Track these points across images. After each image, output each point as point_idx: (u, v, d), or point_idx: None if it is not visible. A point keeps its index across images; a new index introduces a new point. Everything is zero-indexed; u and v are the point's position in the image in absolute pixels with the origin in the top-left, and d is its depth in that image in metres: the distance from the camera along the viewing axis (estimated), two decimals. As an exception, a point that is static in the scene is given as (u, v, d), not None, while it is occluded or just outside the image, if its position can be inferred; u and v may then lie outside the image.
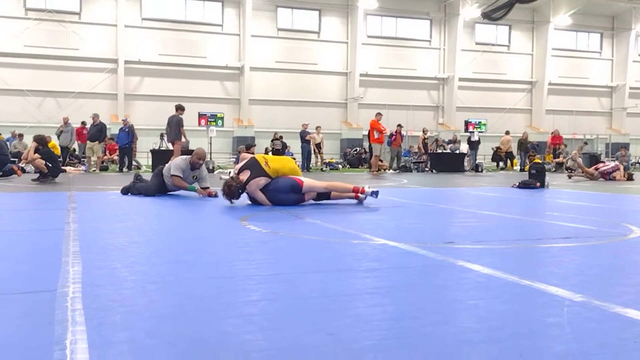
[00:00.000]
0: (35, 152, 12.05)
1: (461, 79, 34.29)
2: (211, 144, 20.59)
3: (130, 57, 29.21)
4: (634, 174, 16.32)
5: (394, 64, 33.54)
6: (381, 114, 19.40)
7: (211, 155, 20.21)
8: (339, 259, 3.62)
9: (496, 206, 7.83)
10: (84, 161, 19.62)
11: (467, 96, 34.50)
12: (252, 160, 7.04)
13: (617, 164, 17.01)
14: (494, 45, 35.64)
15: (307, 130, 22.05)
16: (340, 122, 32.82)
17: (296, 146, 23.43)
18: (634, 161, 28.17)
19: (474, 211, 6.84)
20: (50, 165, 12.07)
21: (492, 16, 27.24)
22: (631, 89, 37.32)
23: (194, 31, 30.54)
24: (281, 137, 23.83)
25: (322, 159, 23.84)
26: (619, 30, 37.34)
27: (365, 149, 26.31)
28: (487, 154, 28.03)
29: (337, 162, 25.68)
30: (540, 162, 13.88)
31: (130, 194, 8.39)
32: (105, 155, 20.24)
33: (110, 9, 28.92)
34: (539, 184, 11.16)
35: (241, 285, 2.87)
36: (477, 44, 35.22)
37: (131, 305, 2.46)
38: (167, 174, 8.44)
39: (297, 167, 7.54)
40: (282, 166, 7.07)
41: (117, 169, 19.05)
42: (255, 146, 23.39)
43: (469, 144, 23.63)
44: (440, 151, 22.71)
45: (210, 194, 8.26)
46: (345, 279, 3.04)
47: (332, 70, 32.69)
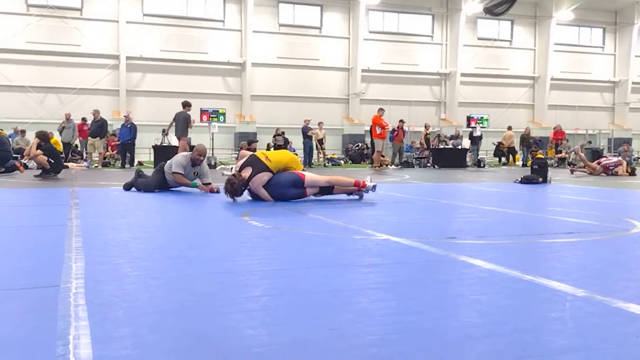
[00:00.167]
0: (37, 149, 12.07)
1: (463, 74, 34.22)
2: (213, 139, 20.58)
3: (131, 53, 29.21)
4: (636, 169, 16.28)
5: (396, 59, 33.49)
6: (383, 110, 19.37)
7: (213, 151, 20.21)
8: (341, 255, 3.62)
9: (498, 201, 7.83)
10: (86, 157, 19.64)
11: (470, 91, 34.45)
12: (252, 156, 7.06)
13: (619, 159, 16.99)
14: (496, 40, 35.56)
15: (309, 126, 22.04)
16: (342, 117, 32.80)
17: (298, 142, 23.42)
18: (636, 156, 28.11)
19: (476, 206, 6.83)
20: (52, 161, 12.10)
21: (494, 11, 27.12)
22: (634, 84, 37.22)
23: (196, 27, 30.52)
24: (283, 132, 23.82)
25: (324, 154, 23.83)
26: (622, 25, 37.23)
27: (367, 144, 26.28)
28: (489, 149, 28.00)
29: (339, 158, 25.67)
30: (542, 157, 13.86)
31: (134, 189, 8.45)
32: (107, 151, 20.23)
33: (111, 4, 28.90)
34: (541, 179, 11.15)
35: (243, 280, 2.88)
36: (479, 39, 35.14)
37: (134, 300, 2.46)
38: (168, 170, 8.45)
39: (297, 157, 7.57)
40: (282, 157, 7.14)
41: (119, 165, 19.09)
42: (257, 142, 23.40)
43: (471, 140, 23.58)
44: (442, 147, 22.67)
45: (212, 190, 8.27)
46: (347, 274, 3.04)
47: (334, 65, 32.65)
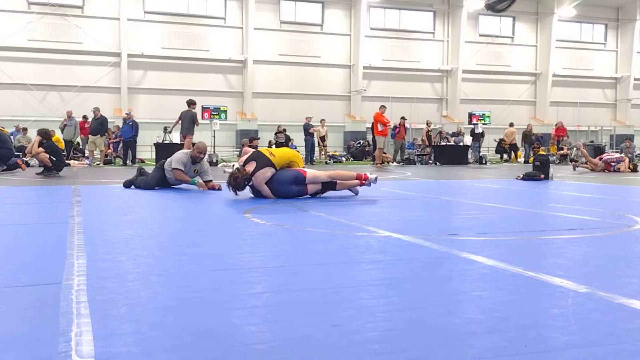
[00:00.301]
0: (39, 146, 12.08)
1: (465, 71, 34.17)
2: (214, 137, 20.59)
3: (133, 50, 29.20)
4: (638, 165, 16.25)
5: (398, 56, 33.45)
6: (385, 107, 19.36)
7: (215, 148, 20.22)
8: (343, 252, 3.62)
9: (500, 198, 7.82)
10: (87, 155, 19.66)
11: (471, 88, 34.41)
12: (257, 152, 7.16)
13: (621, 155, 16.96)
14: (497, 37, 35.50)
15: (311, 123, 22.04)
16: (343, 114, 32.78)
17: (299, 139, 23.42)
18: (638, 153, 28.05)
19: (478, 203, 6.83)
20: (54, 159, 12.11)
21: (495, 8, 27.11)
22: (636, 80, 37.15)
23: (197, 24, 30.50)
24: (284, 130, 23.82)
25: (326, 151, 23.84)
26: (624, 21, 37.14)
27: (368, 141, 26.28)
28: (490, 146, 27.99)
29: (341, 155, 25.67)
30: (544, 154, 13.84)
31: (133, 186, 8.45)
32: (108, 148, 20.24)
33: (113, 2, 28.88)
34: (543, 176, 11.14)
35: (245, 277, 2.88)
36: (480, 35, 35.08)
37: (136, 297, 2.46)
38: (168, 167, 8.45)
39: (299, 154, 7.61)
40: (284, 153, 7.20)
41: (121, 163, 19.12)
42: (259, 139, 23.38)
43: (472, 136, 23.57)
44: (443, 143, 22.66)
45: (213, 187, 8.27)
46: (349, 270, 3.04)
47: (336, 63, 32.62)
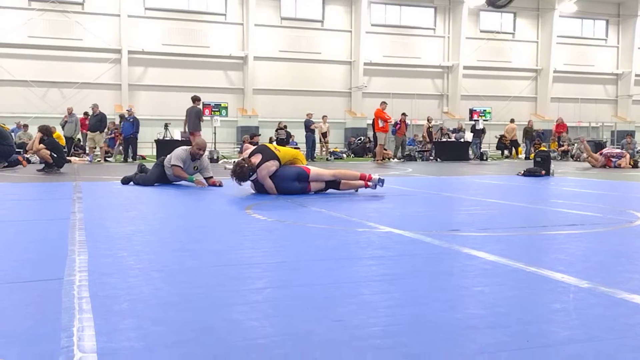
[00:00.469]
0: (40, 143, 12.09)
1: (466, 67, 34.13)
2: (215, 133, 20.58)
3: (133, 47, 29.18)
4: (639, 162, 16.24)
5: (398, 52, 33.40)
6: (385, 103, 19.33)
7: (215, 145, 20.21)
8: (344, 247, 3.62)
9: (501, 194, 7.82)
10: (88, 152, 19.66)
11: (472, 84, 34.36)
12: (262, 145, 7.29)
13: (622, 151, 16.95)
14: (498, 32, 35.44)
15: (312, 119, 22.03)
16: (344, 111, 32.75)
17: (300, 136, 23.41)
18: (639, 149, 28.02)
19: (479, 199, 6.83)
20: (55, 155, 12.11)
21: (496, 3, 27.09)
22: (637, 76, 37.09)
23: (197, 20, 30.46)
24: (285, 126, 23.81)
25: (327, 148, 23.83)
26: (625, 17, 37.06)
27: (369, 138, 26.25)
28: (491, 142, 27.96)
29: (342, 152, 25.65)
30: (545, 150, 13.83)
31: (132, 183, 8.45)
32: (107, 146, 20.23)
33: (113, -2, 28.88)
34: (544, 172, 11.13)
35: (247, 273, 2.88)
36: (481, 31, 35.02)
37: (137, 293, 2.46)
38: (167, 164, 8.45)
39: (301, 153, 7.68)
40: (288, 151, 7.37)
41: (122, 159, 19.14)
42: (259, 136, 23.40)
43: (473, 133, 23.55)
44: (444, 140, 22.64)
45: (214, 184, 8.27)
46: (350, 266, 3.05)
47: (336, 59, 32.58)
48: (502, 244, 3.76)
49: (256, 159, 6.79)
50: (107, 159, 19.14)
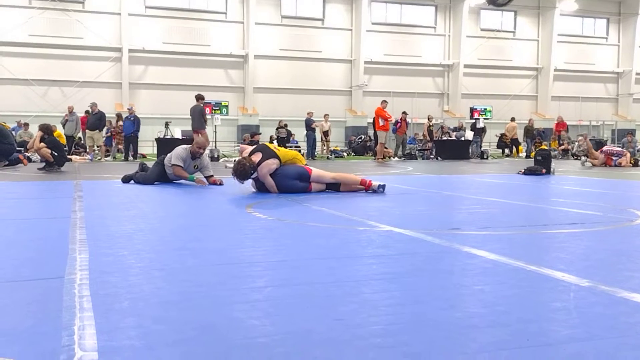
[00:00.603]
0: (40, 141, 12.09)
1: (466, 66, 34.11)
2: (216, 132, 20.58)
3: (134, 45, 29.18)
4: (640, 160, 16.24)
5: (399, 51, 33.39)
6: (386, 102, 19.33)
7: (216, 143, 20.22)
8: (345, 246, 3.62)
9: (502, 193, 7.81)
10: (88, 150, 19.69)
11: (473, 83, 34.35)
12: (262, 144, 7.37)
13: (623, 149, 16.94)
14: (499, 31, 35.42)
15: (312, 118, 22.03)
16: (344, 109, 32.75)
17: (301, 134, 23.41)
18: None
19: (480, 198, 6.83)
20: (56, 154, 12.11)
21: (497, 2, 27.09)
22: (637, 74, 37.07)
23: (198, 19, 30.46)
24: (286, 125, 23.81)
25: (328, 146, 23.83)
26: (626, 15, 37.03)
27: (370, 136, 26.26)
28: (492, 141, 27.96)
29: (342, 150, 25.65)
30: (546, 148, 13.83)
31: (133, 181, 8.46)
32: (105, 145, 20.25)
33: (113, -3, 28.88)
34: (544, 171, 11.13)
35: (247, 271, 2.88)
36: (482, 30, 35.00)
37: (138, 291, 2.47)
38: (167, 163, 8.44)
39: (300, 155, 7.72)
40: (287, 151, 7.45)
41: (122, 158, 19.16)
42: (260, 134, 23.39)
43: (474, 131, 23.55)
44: (445, 138, 22.64)
45: (215, 182, 8.27)
46: (351, 265, 3.05)
47: (337, 57, 32.57)
48: (503, 243, 3.76)
49: (257, 158, 6.82)
50: (106, 158, 19.15)
